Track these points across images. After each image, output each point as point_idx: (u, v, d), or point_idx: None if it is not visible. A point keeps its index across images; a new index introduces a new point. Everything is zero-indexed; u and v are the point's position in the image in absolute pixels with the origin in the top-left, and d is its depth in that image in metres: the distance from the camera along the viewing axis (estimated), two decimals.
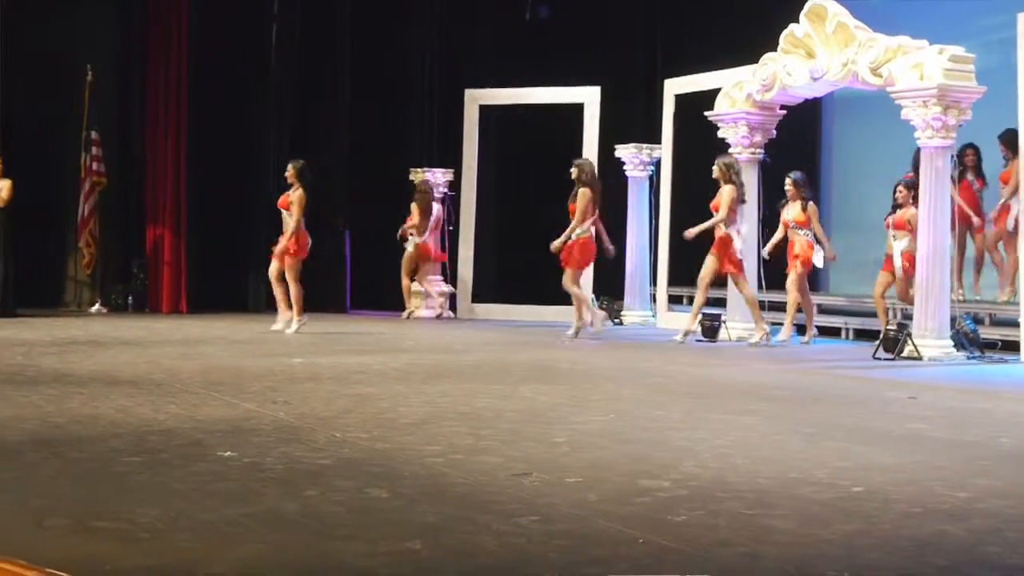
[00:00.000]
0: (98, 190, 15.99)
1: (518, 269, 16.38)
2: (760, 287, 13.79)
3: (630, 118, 17.17)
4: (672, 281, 15.70)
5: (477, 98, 17.17)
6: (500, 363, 10.74)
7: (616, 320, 16.08)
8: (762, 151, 14.02)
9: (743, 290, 13.12)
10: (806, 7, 13.00)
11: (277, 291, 13.32)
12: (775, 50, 13.50)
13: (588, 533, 4.41)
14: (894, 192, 12.95)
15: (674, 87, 15.68)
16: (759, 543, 4.30)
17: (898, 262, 12.75)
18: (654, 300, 15.97)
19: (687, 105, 15.37)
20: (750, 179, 13.83)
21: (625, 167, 16.42)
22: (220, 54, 16.98)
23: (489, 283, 17.14)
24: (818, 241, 13.41)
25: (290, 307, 13.19)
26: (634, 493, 5.03)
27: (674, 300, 16.12)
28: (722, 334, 13.62)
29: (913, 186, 12.75)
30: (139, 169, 16.77)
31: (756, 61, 13.77)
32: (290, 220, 13.22)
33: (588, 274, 14.54)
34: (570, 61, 17.07)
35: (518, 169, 17.35)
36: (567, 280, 13.42)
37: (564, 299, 14.09)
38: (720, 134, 14.17)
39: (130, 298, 16.39)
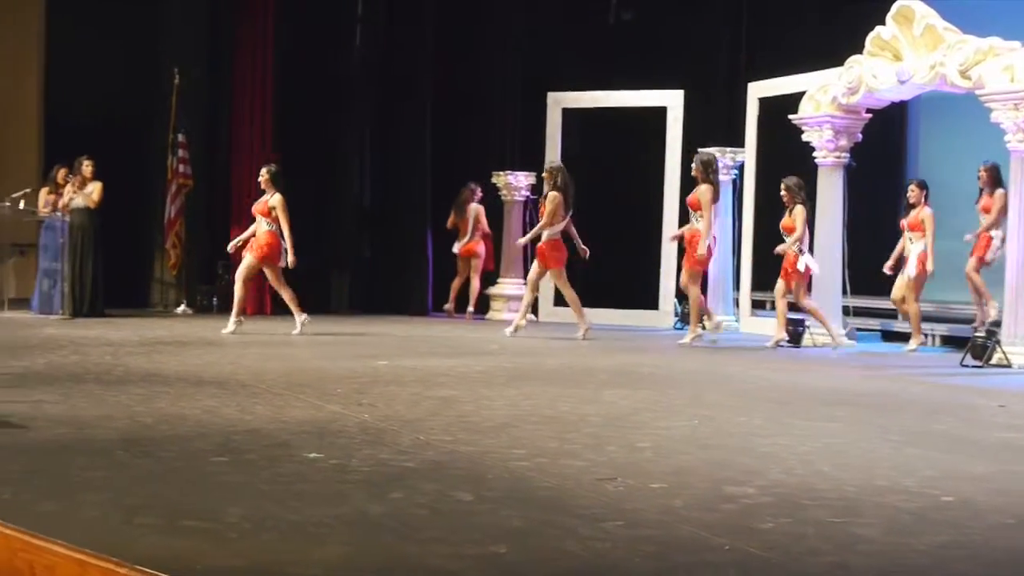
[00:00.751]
0: (184, 192, 16.18)
1: (599, 273, 16.33)
2: (845, 292, 13.68)
3: (713, 121, 17.05)
4: (755, 286, 15.58)
5: (560, 101, 17.16)
6: (583, 367, 10.72)
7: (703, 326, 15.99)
8: (847, 155, 13.87)
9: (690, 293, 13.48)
10: (893, 9, 12.85)
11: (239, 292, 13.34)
12: (861, 53, 13.36)
13: (673, 539, 4.39)
14: (906, 191, 12.92)
15: (758, 90, 15.56)
16: (847, 552, 4.26)
17: (913, 265, 12.69)
18: (737, 305, 15.85)
19: (771, 108, 15.25)
20: (834, 183, 13.73)
21: None
22: (305, 56, 17.12)
23: (572, 285, 17.11)
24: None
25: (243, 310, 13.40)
26: (719, 499, 5.00)
27: (757, 305, 16.00)
28: (806, 339, 13.51)
29: (924, 185, 12.75)
30: (225, 171, 16.94)
31: (841, 64, 13.63)
32: (284, 225, 13.19)
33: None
34: (653, 64, 17.01)
35: (600, 172, 17.29)
36: (557, 281, 13.97)
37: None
38: (804, 138, 14.04)
39: (215, 299, 16.55)
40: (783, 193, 13.29)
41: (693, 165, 13.45)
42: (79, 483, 4.90)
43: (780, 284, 13.28)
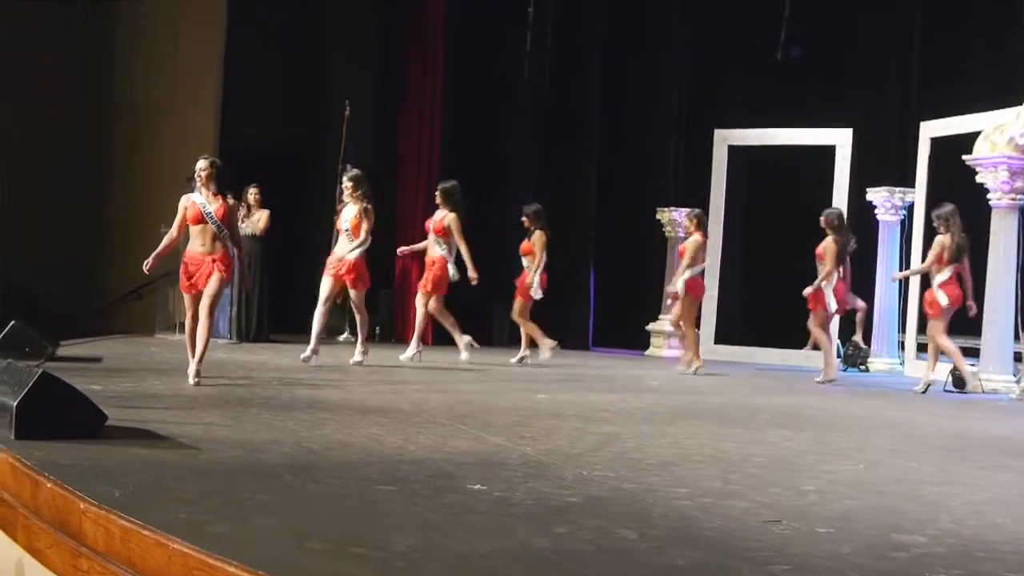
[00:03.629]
0: None
1: (763, 311, 16.18)
2: (1017, 337, 13.34)
3: (882, 160, 16.80)
4: (921, 329, 15.26)
5: (726, 138, 17.09)
6: (745, 406, 10.62)
7: (862, 367, 15.76)
8: (1023, 197, 13.53)
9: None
10: None
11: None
12: None
13: None
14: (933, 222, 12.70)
15: (930, 130, 15.29)
16: None
17: (941, 297, 12.41)
18: (902, 347, 15.55)
19: (942, 148, 14.97)
20: (1009, 226, 13.40)
21: (876, 210, 16.09)
22: (472, 91, 17.33)
23: (734, 324, 16.96)
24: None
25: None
26: (888, 547, 4.89)
27: (922, 348, 15.66)
28: (972, 384, 13.19)
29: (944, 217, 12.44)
30: (389, 203, 17.20)
31: (1018, 103, 13.33)
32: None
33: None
34: (821, 101, 16.83)
35: (765, 210, 17.14)
36: (518, 312, 14.17)
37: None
38: (978, 179, 13.74)
39: (378, 328, 16.78)
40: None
41: (687, 219, 14.25)
42: (251, 506, 5.00)
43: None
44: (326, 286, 12.54)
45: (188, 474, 5.66)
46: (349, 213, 12.81)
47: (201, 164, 10.30)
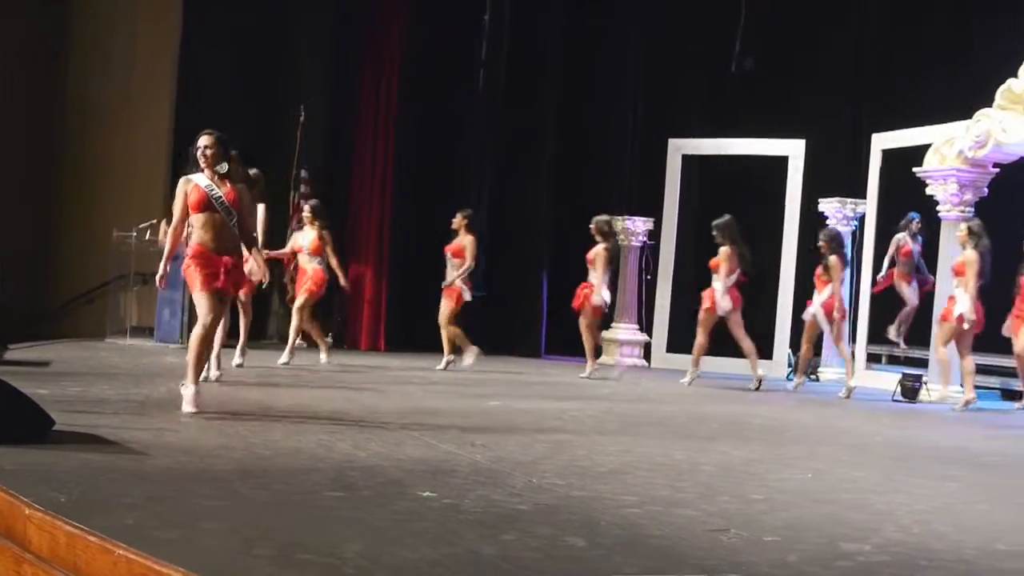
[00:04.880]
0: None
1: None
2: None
3: (834, 171, 16.93)
4: (872, 339, 15.40)
5: (680, 147, 17.17)
6: (696, 414, 10.68)
7: (813, 377, 15.86)
8: (972, 210, 13.67)
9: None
10: None
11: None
12: (990, 106, 13.18)
13: None
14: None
15: (882, 141, 15.42)
16: None
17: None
18: (853, 357, 15.66)
19: (894, 160, 15.10)
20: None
21: (828, 221, 16.19)
22: (428, 97, 17.33)
23: (687, 333, 17.02)
24: None
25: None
26: (834, 556, 4.93)
27: (873, 358, 15.79)
28: (922, 395, 13.31)
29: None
30: (344, 208, 17.17)
31: (969, 117, 13.46)
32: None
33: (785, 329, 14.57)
34: (775, 112, 16.95)
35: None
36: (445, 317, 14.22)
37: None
38: (928, 191, 13.88)
39: (329, 334, 16.74)
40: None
41: (592, 224, 14.28)
42: (199, 512, 4.98)
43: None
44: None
45: (135, 480, 5.63)
46: (308, 238, 13.56)
47: (205, 140, 8.60)
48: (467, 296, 14.02)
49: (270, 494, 5.54)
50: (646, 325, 17.14)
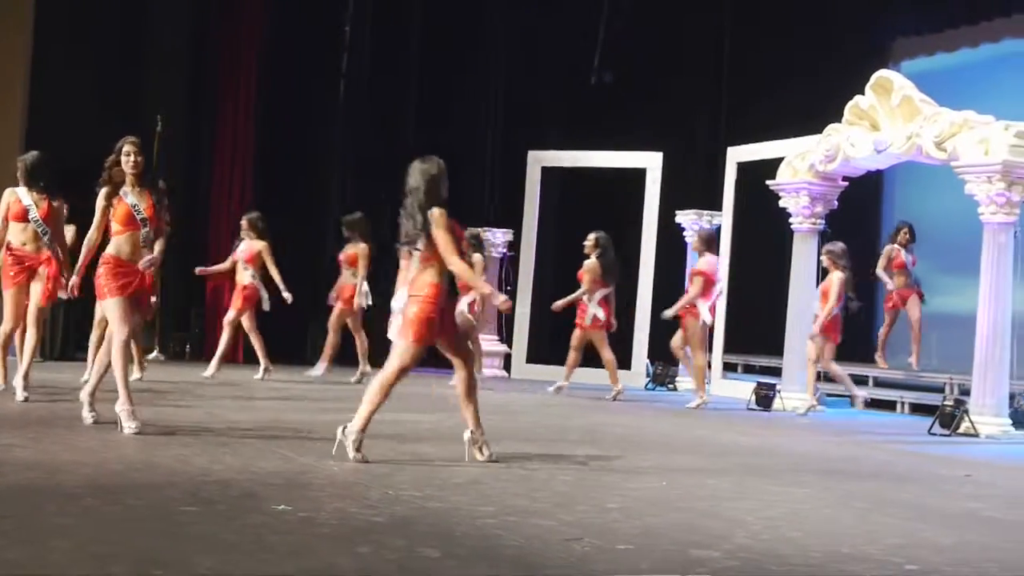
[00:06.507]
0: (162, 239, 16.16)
1: (571, 331, 16.40)
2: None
3: (691, 184, 17.22)
4: (727, 348, 15.67)
5: (540, 159, 17.29)
6: (554, 425, 10.77)
7: (670, 386, 16.09)
8: (823, 222, 14.01)
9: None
10: (872, 79, 13.03)
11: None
12: (839, 121, 13.52)
13: None
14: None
15: (737, 155, 15.72)
16: None
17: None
18: (709, 367, 15.92)
19: (749, 173, 15.40)
20: (810, 250, 13.85)
21: (685, 233, 16.45)
22: (288, 109, 17.22)
23: (547, 343, 17.14)
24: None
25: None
26: (685, 563, 5.03)
27: (729, 368, 16.08)
28: (776, 404, 13.59)
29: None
30: (203, 220, 16.97)
31: (820, 131, 13.80)
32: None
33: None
34: (634, 125, 17.17)
35: (578, 231, 17.41)
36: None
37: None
38: (781, 203, 14.19)
39: (188, 346, 16.54)
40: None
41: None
42: (48, 529, 4.90)
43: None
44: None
45: None
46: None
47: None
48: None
49: (122, 509, 5.47)
50: (506, 336, 17.20)
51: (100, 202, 8.73)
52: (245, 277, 13.78)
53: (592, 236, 13.90)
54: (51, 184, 10.39)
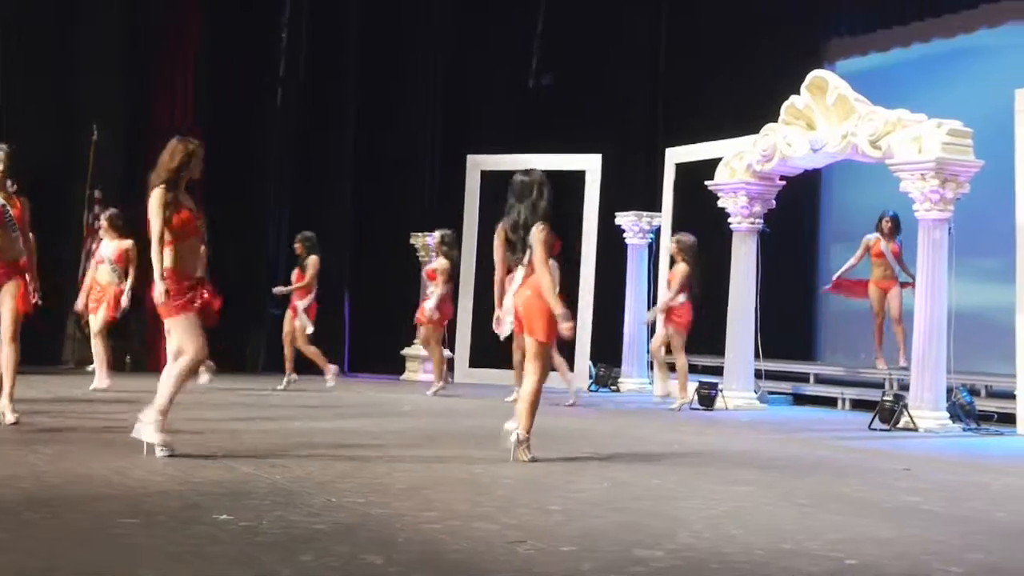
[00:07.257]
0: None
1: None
2: (757, 355, 13.88)
3: (631, 186, 17.27)
4: (669, 349, 15.69)
5: (479, 163, 17.29)
6: (497, 428, 10.71)
7: (613, 387, 16.14)
8: (761, 221, 14.09)
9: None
10: (807, 79, 13.13)
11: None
12: (776, 121, 13.61)
13: None
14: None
15: (675, 156, 15.79)
16: None
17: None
18: (651, 367, 15.99)
19: (688, 174, 15.48)
20: (748, 249, 13.94)
21: (625, 234, 16.51)
22: (227, 117, 17.11)
23: (489, 347, 17.13)
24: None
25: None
26: (627, 563, 5.04)
27: (671, 368, 16.10)
28: (719, 403, 13.66)
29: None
30: (140, 228, 16.79)
31: (757, 131, 13.88)
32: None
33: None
34: (573, 128, 17.21)
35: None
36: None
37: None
38: (720, 204, 14.26)
39: (128, 357, 16.38)
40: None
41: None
42: None
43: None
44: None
45: None
46: (110, 248, 13.42)
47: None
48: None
49: (61, 523, 5.41)
50: (448, 340, 17.17)
51: None
52: (111, 277, 13.46)
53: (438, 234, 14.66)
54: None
